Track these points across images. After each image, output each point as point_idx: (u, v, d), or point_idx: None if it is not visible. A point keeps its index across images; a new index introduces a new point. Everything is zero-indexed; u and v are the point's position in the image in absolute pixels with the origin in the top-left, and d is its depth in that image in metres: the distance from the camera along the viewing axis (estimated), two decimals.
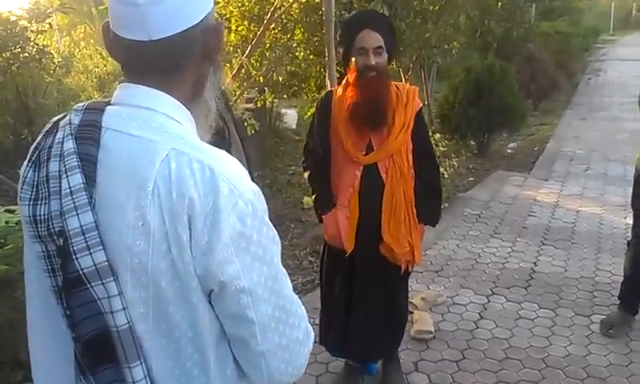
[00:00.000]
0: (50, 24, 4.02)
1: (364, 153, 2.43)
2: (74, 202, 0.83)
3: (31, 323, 0.97)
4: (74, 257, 0.82)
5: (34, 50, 4.02)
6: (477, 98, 7.12)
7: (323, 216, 2.53)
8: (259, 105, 6.15)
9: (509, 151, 7.90)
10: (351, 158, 2.42)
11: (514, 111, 7.31)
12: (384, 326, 2.60)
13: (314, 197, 2.61)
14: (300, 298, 3.66)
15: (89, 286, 0.83)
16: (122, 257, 0.84)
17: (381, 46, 2.30)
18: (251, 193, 0.88)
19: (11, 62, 4.06)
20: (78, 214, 0.83)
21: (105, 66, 9.06)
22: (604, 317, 3.39)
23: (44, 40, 6.09)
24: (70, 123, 0.90)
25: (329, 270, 2.63)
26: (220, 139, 1.35)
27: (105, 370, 0.84)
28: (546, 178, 6.53)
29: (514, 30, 10.90)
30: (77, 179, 0.84)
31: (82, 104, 0.93)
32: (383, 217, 2.41)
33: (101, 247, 0.83)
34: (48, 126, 0.94)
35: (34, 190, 0.88)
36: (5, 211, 2.86)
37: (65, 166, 0.85)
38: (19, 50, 3.91)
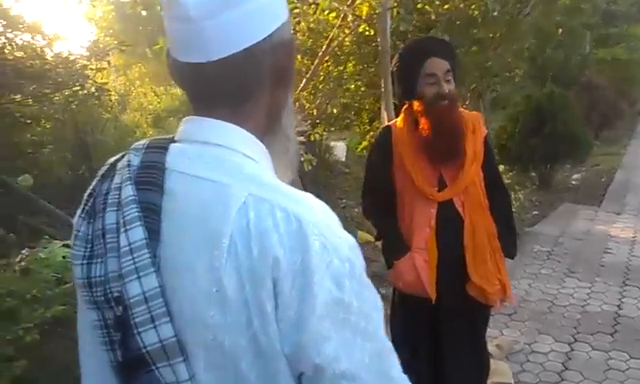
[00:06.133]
0: (108, 62, 4.03)
1: (437, 189, 2.20)
2: (134, 263, 0.67)
3: None
4: (135, 331, 0.66)
5: (93, 87, 4.05)
6: (539, 128, 6.79)
7: (396, 261, 2.23)
8: (312, 139, 6.04)
9: (573, 183, 7.47)
10: (425, 195, 2.19)
11: (580, 140, 6.92)
12: (470, 377, 2.32)
13: (382, 242, 2.36)
14: None
15: (153, 367, 0.66)
16: (194, 331, 0.67)
17: (450, 71, 2.12)
18: (346, 247, 0.69)
19: (70, 100, 4.11)
20: (139, 277, 0.67)
21: (159, 103, 9.27)
22: None
23: (102, 78, 6.26)
24: (128, 165, 0.74)
25: (406, 325, 2.28)
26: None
27: None
28: (619, 211, 6.08)
29: (572, 58, 10.51)
30: (138, 234, 0.68)
31: (142, 142, 0.76)
32: (467, 255, 2.15)
33: (168, 318, 0.66)
34: (104, 168, 0.77)
35: (89, 245, 0.72)
36: (62, 246, 2.79)
37: (123, 217, 0.69)
38: (78, 87, 3.94)
